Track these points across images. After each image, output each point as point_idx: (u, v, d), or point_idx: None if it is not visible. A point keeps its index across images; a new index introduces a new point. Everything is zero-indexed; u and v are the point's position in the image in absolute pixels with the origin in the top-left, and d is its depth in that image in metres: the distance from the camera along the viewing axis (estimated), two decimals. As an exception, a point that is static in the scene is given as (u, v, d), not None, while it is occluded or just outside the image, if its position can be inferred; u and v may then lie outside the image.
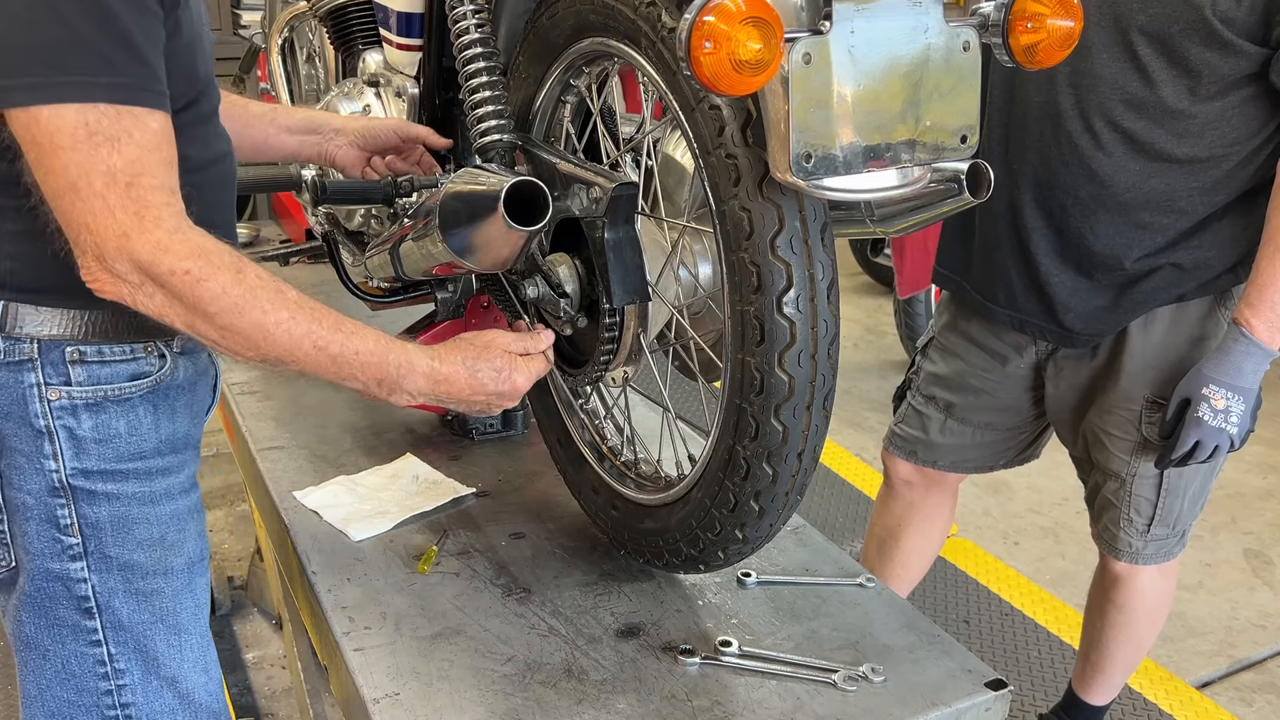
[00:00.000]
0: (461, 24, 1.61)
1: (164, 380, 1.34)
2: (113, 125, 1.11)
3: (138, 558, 1.34)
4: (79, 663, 1.34)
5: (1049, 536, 3.61)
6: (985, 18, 1.23)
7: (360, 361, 1.26)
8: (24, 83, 1.09)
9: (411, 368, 1.29)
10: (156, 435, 1.34)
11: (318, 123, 1.80)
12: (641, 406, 2.13)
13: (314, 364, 1.24)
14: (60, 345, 1.26)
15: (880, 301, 5.59)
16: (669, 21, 1.29)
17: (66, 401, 1.27)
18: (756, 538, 1.47)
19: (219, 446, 3.76)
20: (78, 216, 1.12)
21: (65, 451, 1.28)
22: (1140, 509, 2.12)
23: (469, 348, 1.36)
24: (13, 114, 1.12)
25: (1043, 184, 2.00)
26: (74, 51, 1.09)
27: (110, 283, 1.15)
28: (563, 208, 1.49)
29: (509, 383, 1.36)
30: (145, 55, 1.14)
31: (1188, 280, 1.98)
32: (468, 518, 1.91)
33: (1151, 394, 2.03)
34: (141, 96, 1.13)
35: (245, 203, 4.45)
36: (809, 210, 1.27)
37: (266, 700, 2.82)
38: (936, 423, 2.33)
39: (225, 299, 1.16)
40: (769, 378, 1.31)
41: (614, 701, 1.45)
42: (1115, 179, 1.93)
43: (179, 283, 1.15)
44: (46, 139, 1.10)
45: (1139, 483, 2.10)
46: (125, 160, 1.11)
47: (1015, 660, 2.95)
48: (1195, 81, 1.83)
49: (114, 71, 1.11)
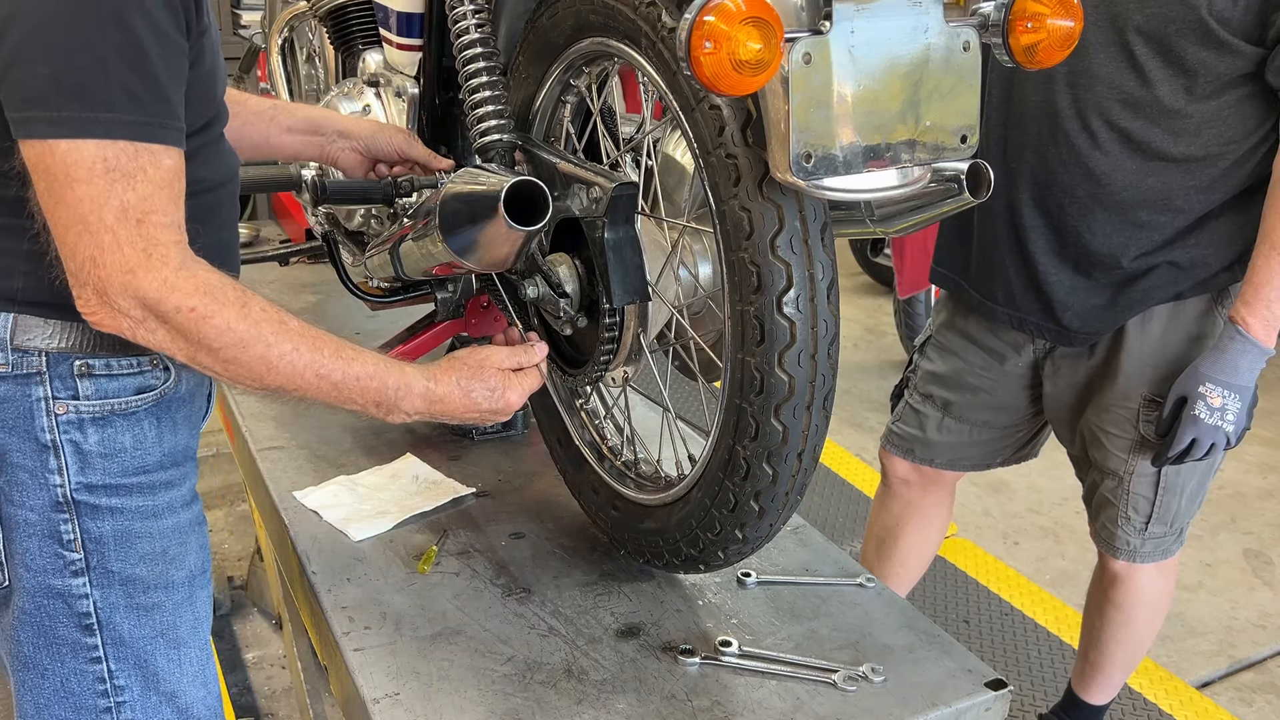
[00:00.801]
0: (461, 24, 1.61)
1: (168, 393, 1.34)
2: (130, 162, 1.11)
3: (140, 572, 1.33)
4: (78, 680, 1.33)
5: (1049, 536, 3.61)
6: (985, 18, 1.23)
7: (360, 386, 1.29)
8: (46, 115, 1.09)
9: (409, 390, 1.33)
10: (160, 448, 1.34)
11: (320, 123, 1.79)
12: (641, 406, 2.13)
13: (315, 391, 1.27)
14: (69, 358, 1.26)
15: (880, 301, 5.59)
16: (669, 21, 1.29)
17: (74, 416, 1.27)
18: (756, 538, 1.47)
19: (219, 446, 3.77)
20: (84, 250, 1.12)
21: (70, 466, 1.27)
22: (1138, 507, 2.12)
23: (463, 367, 1.38)
24: (29, 143, 1.11)
25: (1040, 183, 2.01)
26: (102, 88, 1.10)
27: (109, 317, 1.16)
28: (563, 208, 1.49)
29: (502, 400, 1.40)
30: (168, 91, 1.15)
31: (1185, 279, 1.99)
32: (468, 518, 1.91)
33: (1149, 392, 2.03)
34: (159, 133, 1.13)
35: (245, 203, 4.45)
36: (809, 210, 1.27)
37: (266, 700, 2.82)
38: (934, 421, 2.33)
39: (230, 335, 1.18)
40: (769, 378, 1.31)
41: (614, 701, 1.45)
42: (1112, 177, 1.94)
43: (184, 320, 1.16)
44: (62, 171, 1.10)
45: (1137, 480, 2.10)
46: (138, 197, 1.12)
47: (1015, 660, 2.95)
48: (1191, 81, 1.84)
49: (137, 109, 1.11)
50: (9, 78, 1.10)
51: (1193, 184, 1.92)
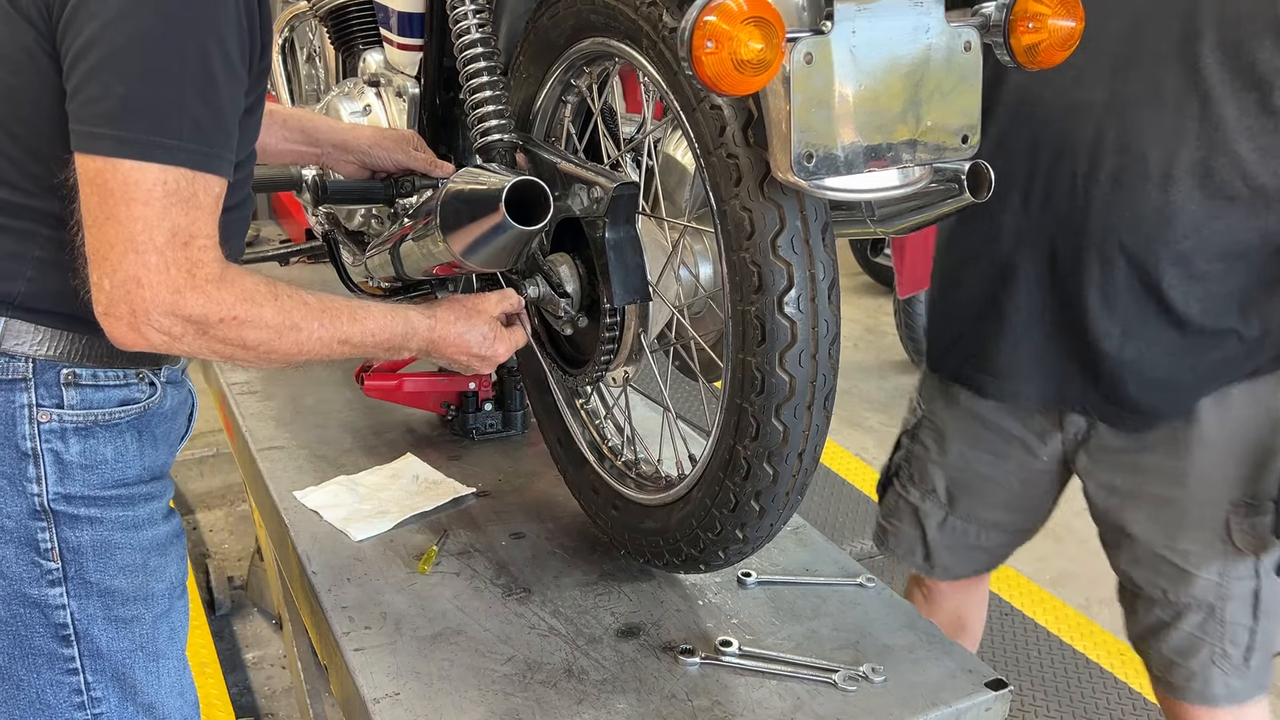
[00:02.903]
0: (462, 24, 1.61)
1: (151, 408, 1.34)
2: (187, 188, 1.14)
3: (119, 584, 1.32)
4: (54, 692, 1.31)
5: (1049, 536, 3.59)
6: (986, 18, 1.23)
7: (374, 340, 1.36)
8: (115, 133, 1.11)
9: (415, 332, 1.41)
10: (140, 462, 1.34)
11: (317, 135, 1.77)
12: (642, 406, 2.13)
13: (338, 355, 1.33)
14: (56, 367, 1.26)
15: (880, 301, 5.59)
16: (670, 21, 1.29)
17: (56, 425, 1.26)
18: (757, 537, 1.47)
19: (219, 446, 3.77)
20: (128, 269, 1.13)
21: (50, 475, 1.27)
22: (1236, 638, 1.73)
23: (460, 309, 1.46)
24: (91, 158, 1.12)
25: (1090, 229, 1.68)
26: (174, 114, 1.12)
27: (140, 336, 1.16)
28: (563, 207, 1.49)
29: (491, 349, 1.48)
30: (229, 124, 1.19)
31: (1261, 350, 1.69)
32: (468, 518, 1.91)
33: (1242, 494, 1.69)
34: (215, 164, 1.17)
35: (245, 202, 4.44)
36: (810, 210, 1.27)
37: (266, 700, 2.82)
38: (935, 519, 1.99)
39: (267, 331, 1.22)
40: (770, 377, 1.30)
41: (614, 701, 1.45)
42: (1175, 219, 1.63)
43: (227, 330, 1.19)
44: (122, 190, 1.12)
45: (1233, 606, 1.72)
46: (189, 220, 1.14)
47: (1015, 660, 2.95)
48: (1265, 95, 1.56)
49: (201, 138, 1.15)
50: (83, 93, 1.13)
51: (1261, 225, 1.63)
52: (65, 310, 1.24)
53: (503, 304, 1.51)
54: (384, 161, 1.78)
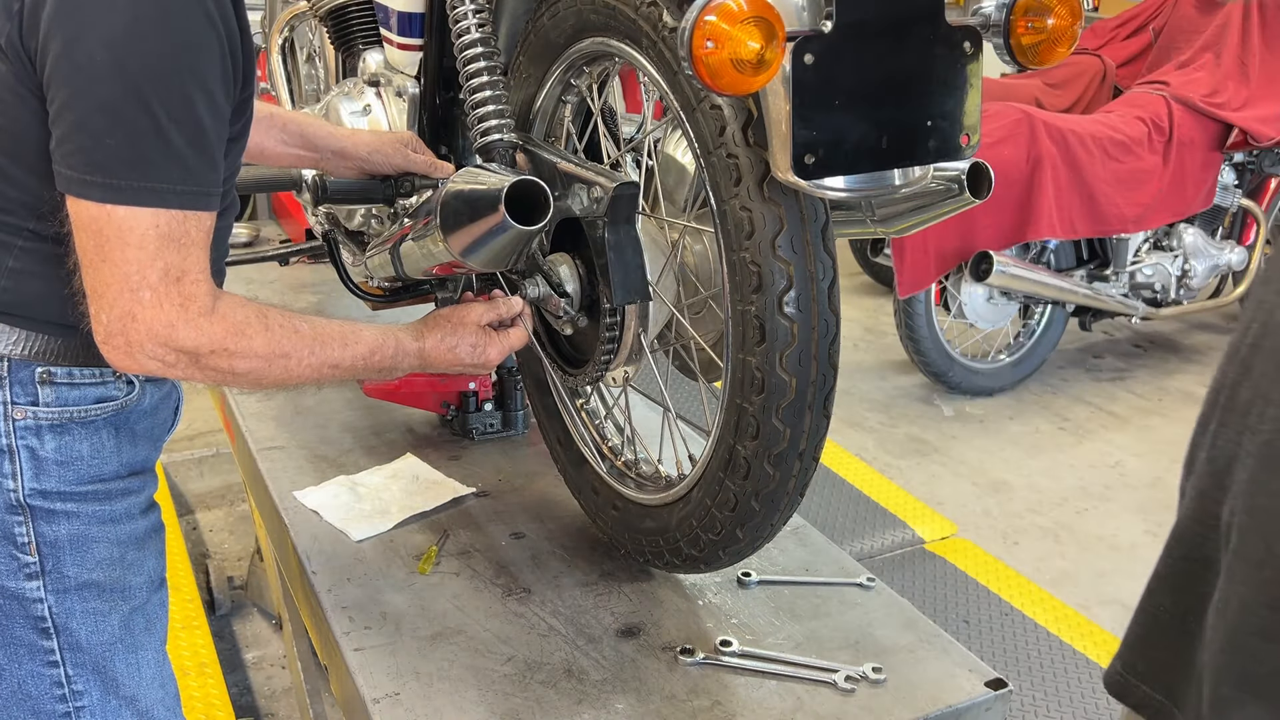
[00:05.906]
0: (462, 24, 1.61)
1: (129, 405, 1.34)
2: (179, 228, 1.17)
3: (96, 577, 1.32)
4: (35, 683, 1.32)
5: (1049, 536, 3.61)
6: (986, 18, 1.23)
7: (365, 364, 1.38)
8: (106, 181, 1.13)
9: (404, 353, 1.43)
10: (118, 459, 1.34)
11: (316, 140, 1.77)
12: (642, 406, 2.13)
13: (329, 380, 1.36)
14: (31, 366, 1.26)
15: (880, 301, 5.59)
16: (670, 21, 1.29)
17: (31, 422, 1.27)
18: (757, 538, 1.47)
19: (219, 446, 3.76)
20: (123, 305, 1.16)
21: (25, 471, 1.27)
22: None
23: (445, 324, 1.48)
24: (83, 203, 1.15)
25: None
26: (162, 160, 1.15)
27: (136, 363, 1.20)
28: (563, 207, 1.49)
29: (483, 356, 1.50)
30: (216, 158, 1.21)
31: None
32: (468, 518, 1.91)
33: None
34: (205, 200, 1.19)
35: (245, 202, 4.44)
36: (810, 210, 1.27)
37: (266, 700, 2.82)
38: None
39: (257, 360, 1.25)
40: (770, 378, 1.30)
41: (614, 701, 1.45)
42: None
43: (218, 360, 1.22)
44: (115, 235, 1.14)
45: None
46: (181, 258, 1.17)
47: (1015, 660, 2.95)
48: None
49: (189, 179, 1.17)
50: (72, 141, 1.14)
51: None
52: (40, 315, 1.25)
53: (489, 313, 1.51)
54: (383, 166, 1.78)
